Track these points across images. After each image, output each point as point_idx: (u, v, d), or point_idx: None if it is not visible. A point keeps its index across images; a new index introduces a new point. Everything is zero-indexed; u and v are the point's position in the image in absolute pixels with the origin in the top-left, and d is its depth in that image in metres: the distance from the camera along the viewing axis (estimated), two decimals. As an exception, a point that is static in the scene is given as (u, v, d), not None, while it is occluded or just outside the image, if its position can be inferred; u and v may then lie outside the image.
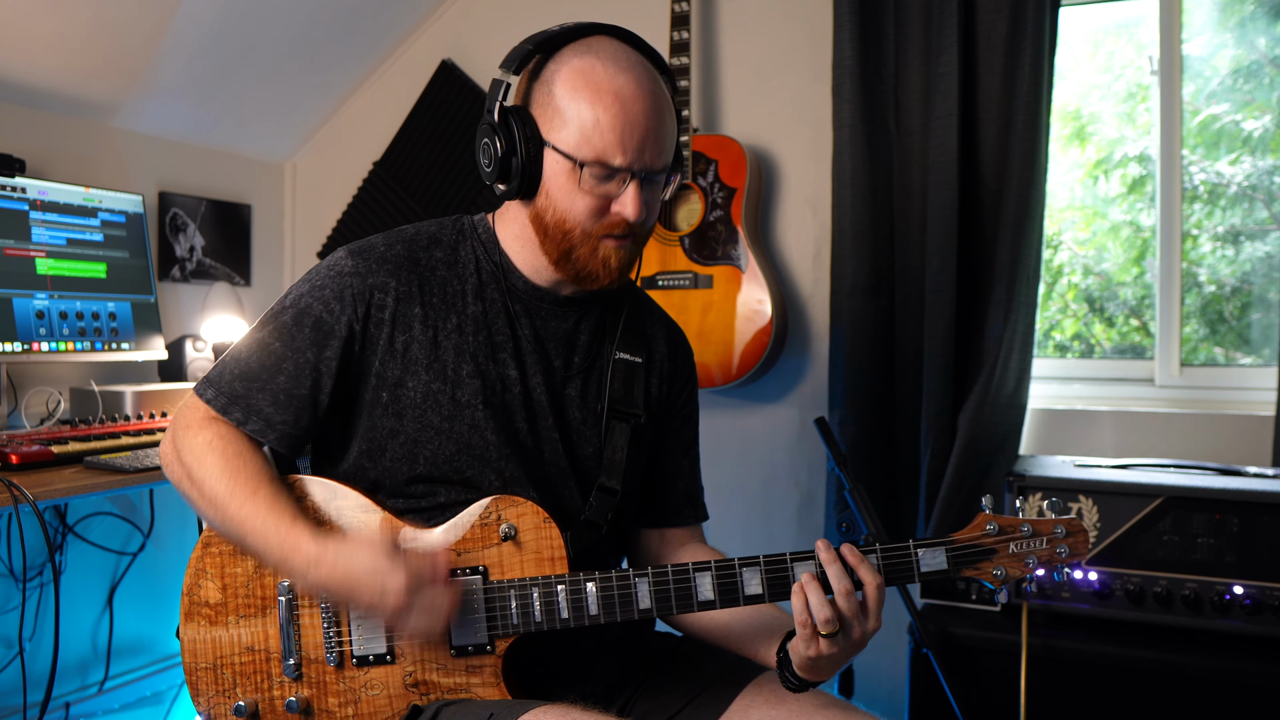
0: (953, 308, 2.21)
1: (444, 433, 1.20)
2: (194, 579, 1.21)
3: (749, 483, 2.60)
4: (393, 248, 1.24)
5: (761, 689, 1.23)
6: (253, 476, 1.15)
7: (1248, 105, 2.35)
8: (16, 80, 2.26)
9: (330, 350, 1.19)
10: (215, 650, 1.20)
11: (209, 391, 1.20)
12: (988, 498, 1.17)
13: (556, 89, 1.15)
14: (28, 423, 2.18)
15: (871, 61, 2.33)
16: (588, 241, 1.18)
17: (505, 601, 1.16)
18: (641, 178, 1.16)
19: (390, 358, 1.20)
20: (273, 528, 1.12)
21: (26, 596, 2.25)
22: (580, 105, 1.13)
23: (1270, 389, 2.15)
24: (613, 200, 1.16)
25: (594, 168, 1.14)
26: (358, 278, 1.20)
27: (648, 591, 1.14)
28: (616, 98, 1.13)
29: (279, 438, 1.19)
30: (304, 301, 1.21)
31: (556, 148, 1.15)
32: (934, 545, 1.14)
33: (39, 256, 2.15)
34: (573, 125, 1.14)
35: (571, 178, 1.15)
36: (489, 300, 1.25)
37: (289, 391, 1.19)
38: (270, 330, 1.21)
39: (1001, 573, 1.14)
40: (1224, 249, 2.38)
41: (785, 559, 1.13)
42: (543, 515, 1.18)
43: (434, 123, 2.92)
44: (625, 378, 1.30)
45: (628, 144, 1.13)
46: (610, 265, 1.19)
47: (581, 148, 1.13)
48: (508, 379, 1.23)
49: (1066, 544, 1.14)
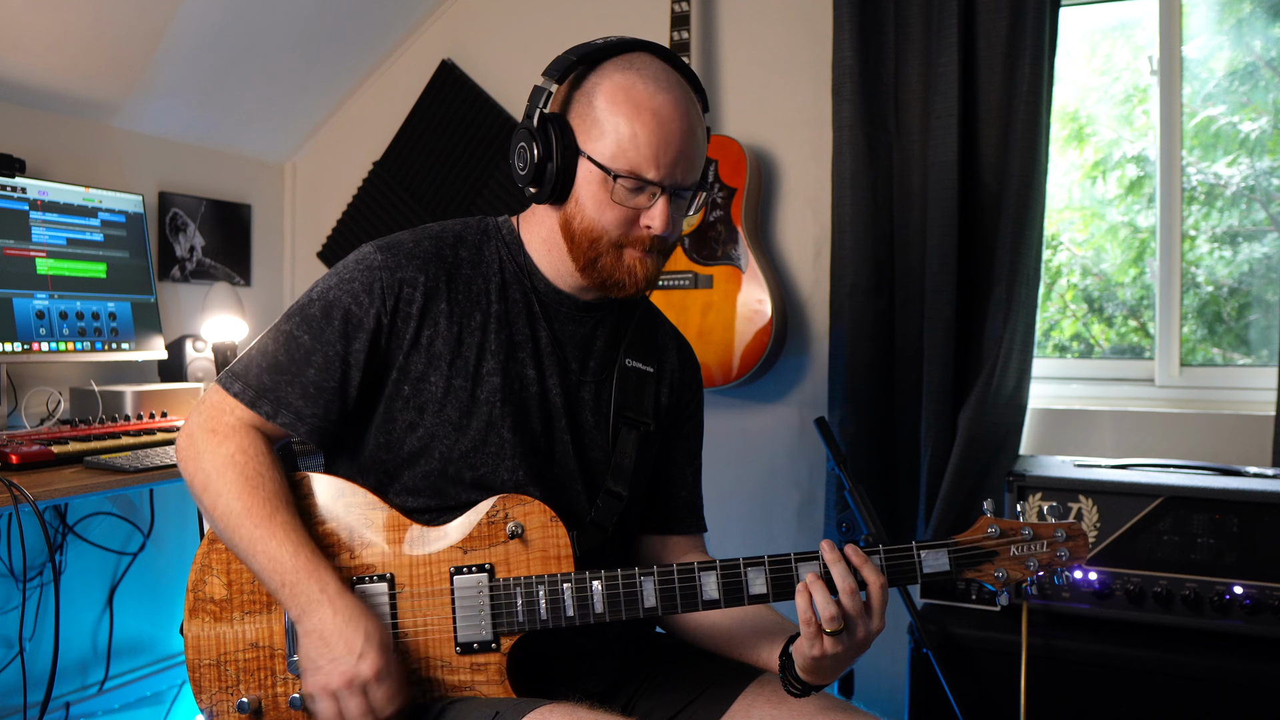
0: (953, 308, 2.22)
1: (461, 428, 1.21)
2: (199, 575, 1.21)
3: (749, 483, 2.60)
4: (420, 244, 1.24)
5: (763, 688, 1.24)
6: (271, 498, 1.15)
7: (1245, 107, 2.35)
8: (16, 80, 2.26)
9: (359, 343, 1.20)
10: (219, 646, 1.19)
11: (236, 385, 1.20)
12: (989, 501, 1.19)
13: (597, 101, 1.18)
14: (28, 423, 2.18)
15: (871, 62, 2.33)
16: (613, 251, 1.20)
17: (511, 599, 1.16)
18: (671, 193, 1.19)
19: (415, 352, 1.21)
20: (289, 552, 1.12)
21: (26, 596, 2.24)
22: (619, 119, 1.16)
23: (1270, 389, 2.15)
24: (641, 213, 1.19)
25: (627, 180, 1.16)
26: (387, 271, 1.21)
27: (653, 590, 1.15)
28: (655, 115, 1.16)
29: (309, 430, 1.20)
30: (332, 295, 1.21)
31: (592, 158, 1.17)
32: (937, 547, 1.16)
33: (39, 256, 2.15)
34: (610, 138, 1.16)
35: (604, 188, 1.17)
36: (511, 300, 1.26)
37: (319, 384, 1.19)
38: (297, 323, 1.21)
39: (1003, 575, 1.17)
40: (1221, 250, 2.38)
41: (790, 559, 1.15)
42: (550, 514, 1.18)
43: (434, 123, 2.92)
44: (637, 386, 1.33)
45: (661, 160, 1.16)
46: (636, 275, 1.21)
47: (616, 160, 1.16)
48: (526, 379, 1.24)
49: (1066, 547, 1.17)
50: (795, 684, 1.18)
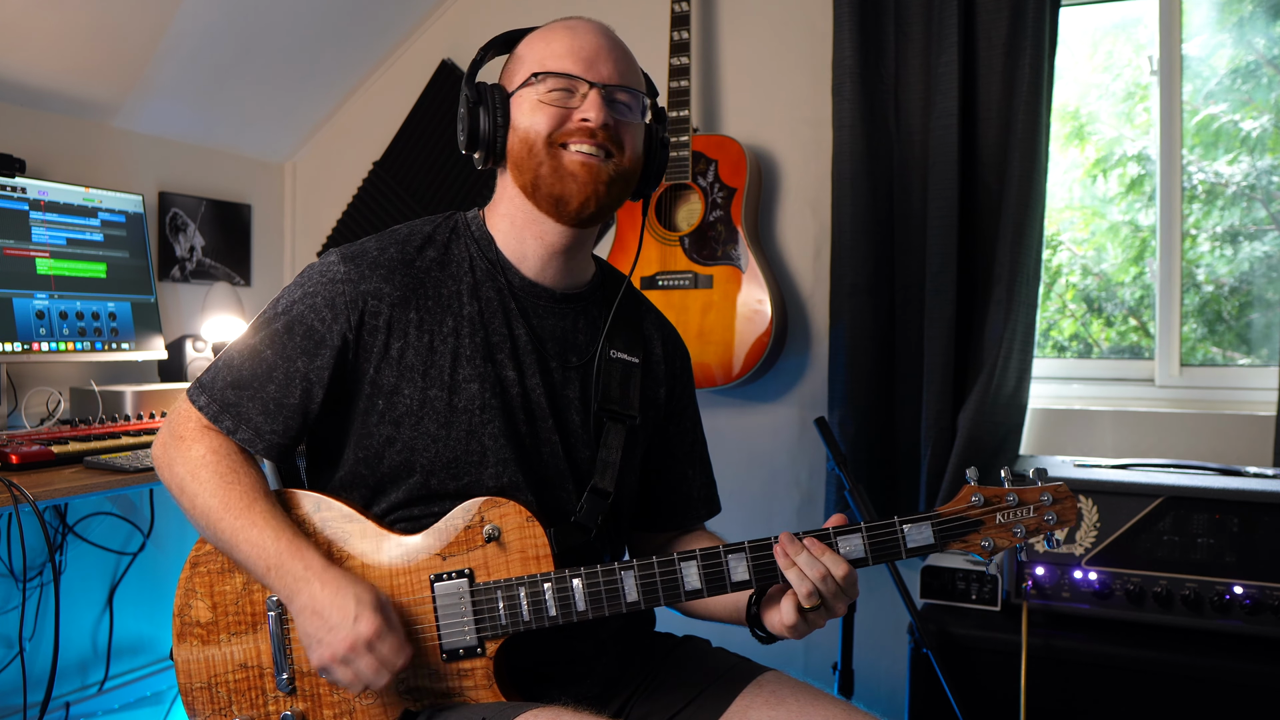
0: (953, 308, 2.22)
1: (440, 440, 1.19)
2: (184, 600, 1.21)
3: (749, 483, 2.60)
4: (385, 251, 1.22)
5: (761, 690, 1.23)
6: (247, 491, 1.15)
7: (1246, 105, 2.35)
8: (16, 80, 2.26)
9: (321, 359, 1.18)
10: (209, 669, 1.19)
11: (201, 398, 1.20)
12: (972, 469, 1.16)
13: (518, 50, 1.25)
14: (28, 423, 2.18)
15: (871, 61, 2.33)
16: (552, 153, 1.19)
17: (493, 602, 1.15)
18: (602, 91, 1.19)
19: (385, 365, 1.19)
20: (270, 539, 1.12)
21: (26, 596, 2.24)
22: (534, 44, 1.23)
23: (1270, 389, 2.15)
24: (574, 112, 1.19)
25: (548, 79, 1.19)
26: (350, 284, 1.19)
27: (634, 584, 1.14)
28: (567, 28, 1.23)
29: (267, 447, 1.19)
30: (296, 309, 1.20)
31: (517, 87, 1.22)
32: (920, 520, 1.13)
33: (39, 256, 2.15)
34: (527, 61, 1.22)
35: (531, 100, 1.20)
36: (485, 299, 1.23)
37: (279, 400, 1.18)
38: (263, 337, 1.20)
39: (989, 544, 1.13)
40: (1222, 249, 2.38)
41: (770, 544, 1.14)
42: (525, 515, 1.17)
43: (434, 123, 2.92)
44: (622, 378, 1.29)
45: (579, 57, 1.20)
46: (579, 178, 1.19)
47: (534, 69, 1.20)
48: (506, 380, 1.22)
49: (1054, 510, 1.13)
50: (760, 632, 1.20)
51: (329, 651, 1.08)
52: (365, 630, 1.07)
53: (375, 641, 1.08)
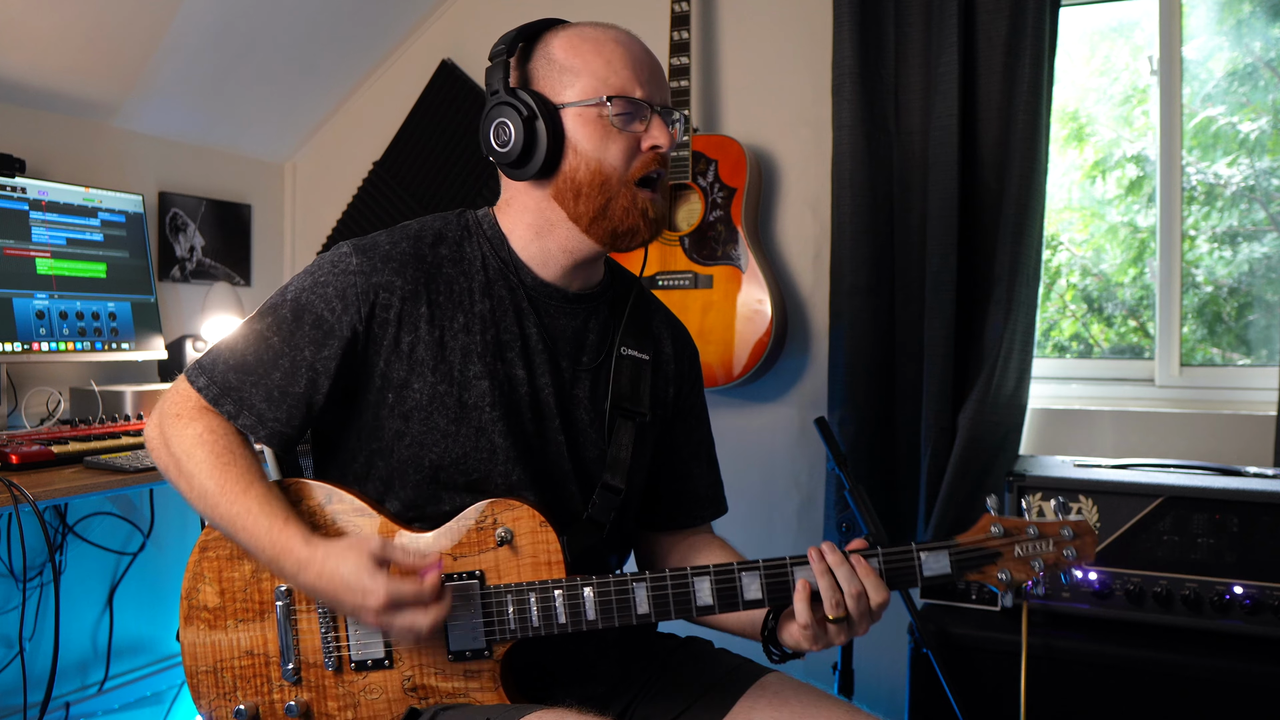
0: (953, 308, 2.22)
1: (450, 435, 1.18)
2: (192, 582, 1.20)
3: (749, 483, 2.60)
4: (398, 245, 1.21)
5: (764, 691, 1.23)
6: (244, 474, 1.14)
7: (1244, 107, 2.35)
8: (16, 80, 2.26)
9: (329, 350, 1.17)
10: (215, 654, 1.19)
11: (201, 379, 1.18)
12: (992, 498, 1.14)
13: (556, 56, 1.20)
14: (28, 423, 2.18)
15: (871, 62, 2.33)
16: (626, 191, 1.19)
17: (502, 606, 1.14)
18: (663, 114, 1.20)
19: (395, 358, 1.18)
20: (264, 527, 1.11)
21: (26, 596, 2.24)
22: (586, 56, 1.18)
23: (1271, 389, 2.15)
24: (641, 138, 1.19)
25: (619, 103, 1.16)
26: (362, 276, 1.18)
27: (646, 597, 1.13)
28: (617, 42, 1.20)
29: (269, 435, 1.17)
30: (305, 297, 1.18)
31: (574, 103, 1.17)
32: (937, 549, 1.11)
33: (39, 256, 2.15)
34: (584, 77, 1.17)
35: (600, 123, 1.17)
36: (496, 298, 1.23)
37: (283, 389, 1.17)
38: (269, 323, 1.18)
39: (1007, 576, 1.11)
40: (1221, 250, 2.38)
41: (785, 563, 1.12)
42: (539, 519, 1.16)
43: (434, 123, 2.92)
44: (632, 375, 1.29)
45: (641, 77, 1.18)
46: (649, 216, 1.20)
47: (600, 89, 1.17)
48: (515, 379, 1.22)
49: (1074, 546, 1.11)
50: (776, 651, 1.19)
51: (368, 620, 1.07)
52: (374, 603, 1.06)
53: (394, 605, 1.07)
